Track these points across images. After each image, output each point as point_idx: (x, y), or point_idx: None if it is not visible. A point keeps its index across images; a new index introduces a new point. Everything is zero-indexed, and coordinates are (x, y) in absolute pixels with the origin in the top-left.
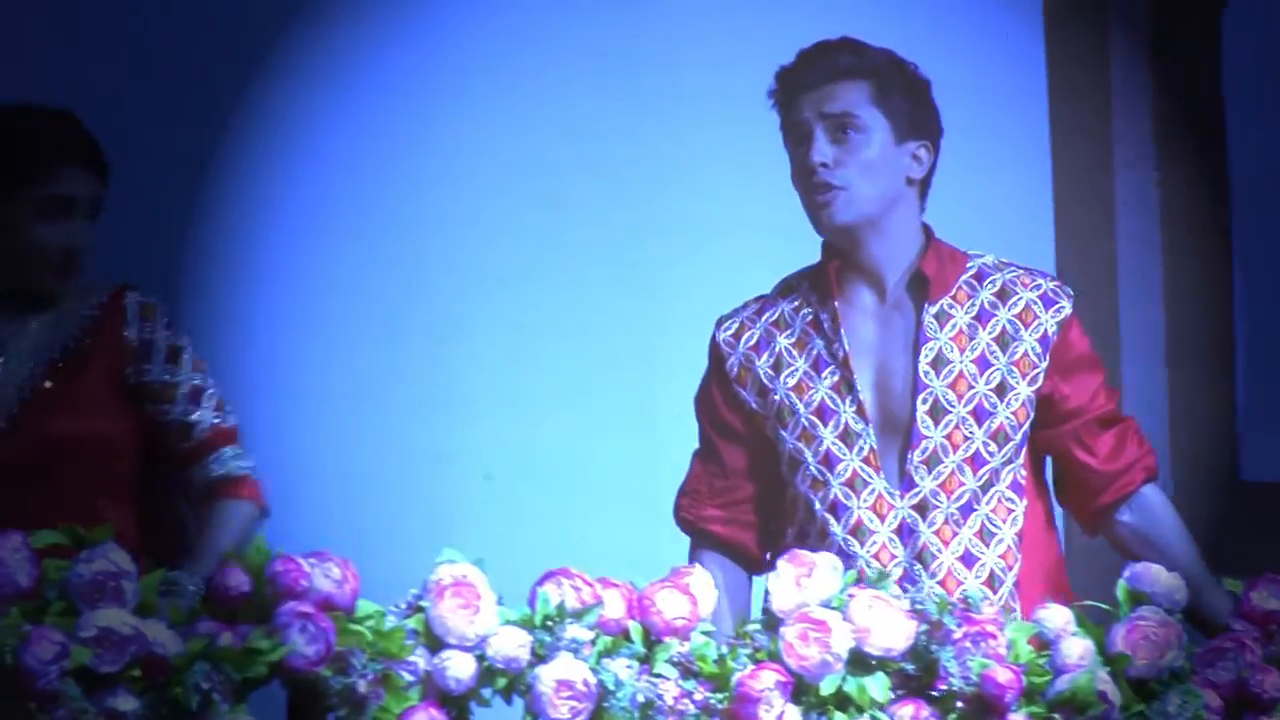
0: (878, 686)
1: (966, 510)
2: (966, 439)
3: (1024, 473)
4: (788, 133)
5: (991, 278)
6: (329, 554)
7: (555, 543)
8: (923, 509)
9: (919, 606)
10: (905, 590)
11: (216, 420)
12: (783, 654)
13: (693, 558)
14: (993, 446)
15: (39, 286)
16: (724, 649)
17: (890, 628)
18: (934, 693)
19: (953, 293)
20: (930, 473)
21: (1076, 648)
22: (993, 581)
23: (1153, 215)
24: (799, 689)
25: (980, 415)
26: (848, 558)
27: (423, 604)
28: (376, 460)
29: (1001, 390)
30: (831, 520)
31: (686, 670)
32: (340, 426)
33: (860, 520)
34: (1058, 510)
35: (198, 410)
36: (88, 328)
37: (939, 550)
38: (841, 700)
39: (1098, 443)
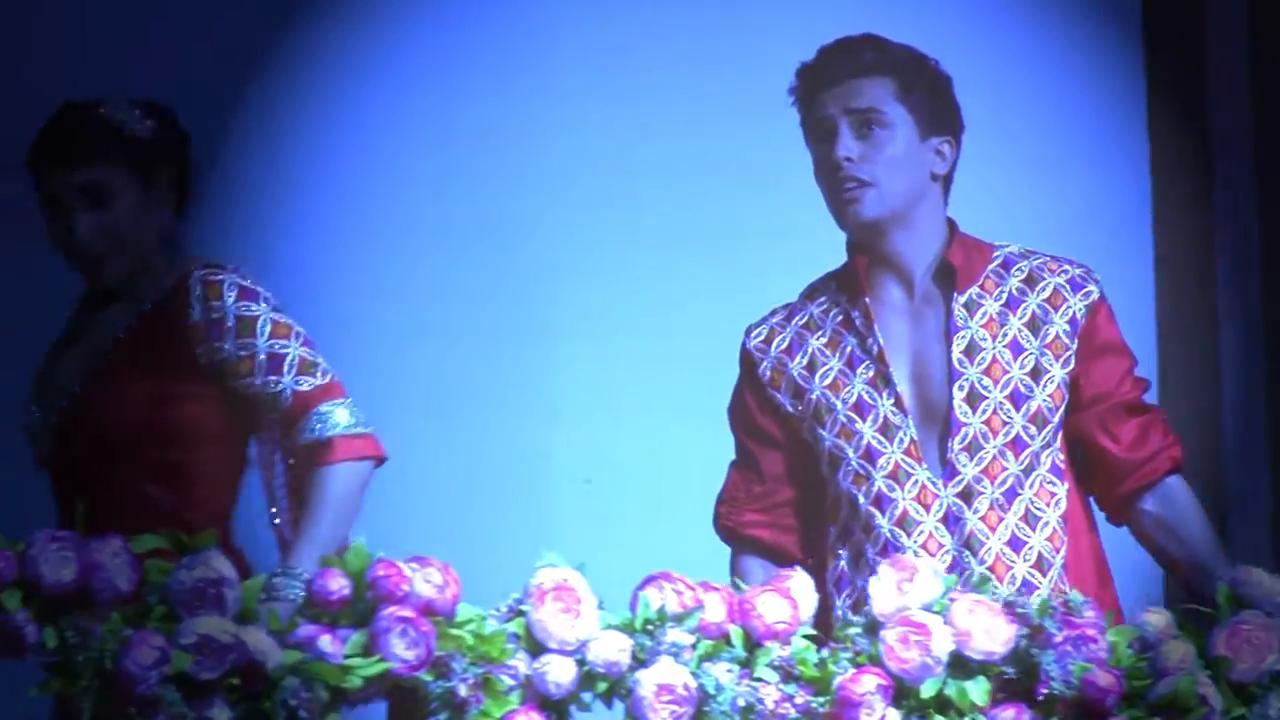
0: (978, 690)
1: (1010, 495)
2: (1005, 423)
3: (1062, 456)
4: (810, 130)
5: (1018, 265)
6: (430, 559)
7: (655, 546)
8: (967, 496)
9: (1020, 610)
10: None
11: (300, 385)
12: (883, 657)
13: (734, 565)
14: (1032, 429)
15: (88, 282)
16: (825, 653)
17: (991, 631)
18: (1035, 697)
19: (980, 282)
20: (972, 459)
21: (1177, 651)
22: (1041, 564)
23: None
24: (899, 692)
25: (1018, 399)
26: (895, 549)
27: (524, 608)
28: (477, 464)
29: (1037, 373)
30: (877, 514)
31: (787, 674)
32: (441, 431)
33: (906, 511)
34: None
35: (279, 378)
36: (146, 315)
37: (986, 536)
38: (942, 704)
39: (1122, 429)
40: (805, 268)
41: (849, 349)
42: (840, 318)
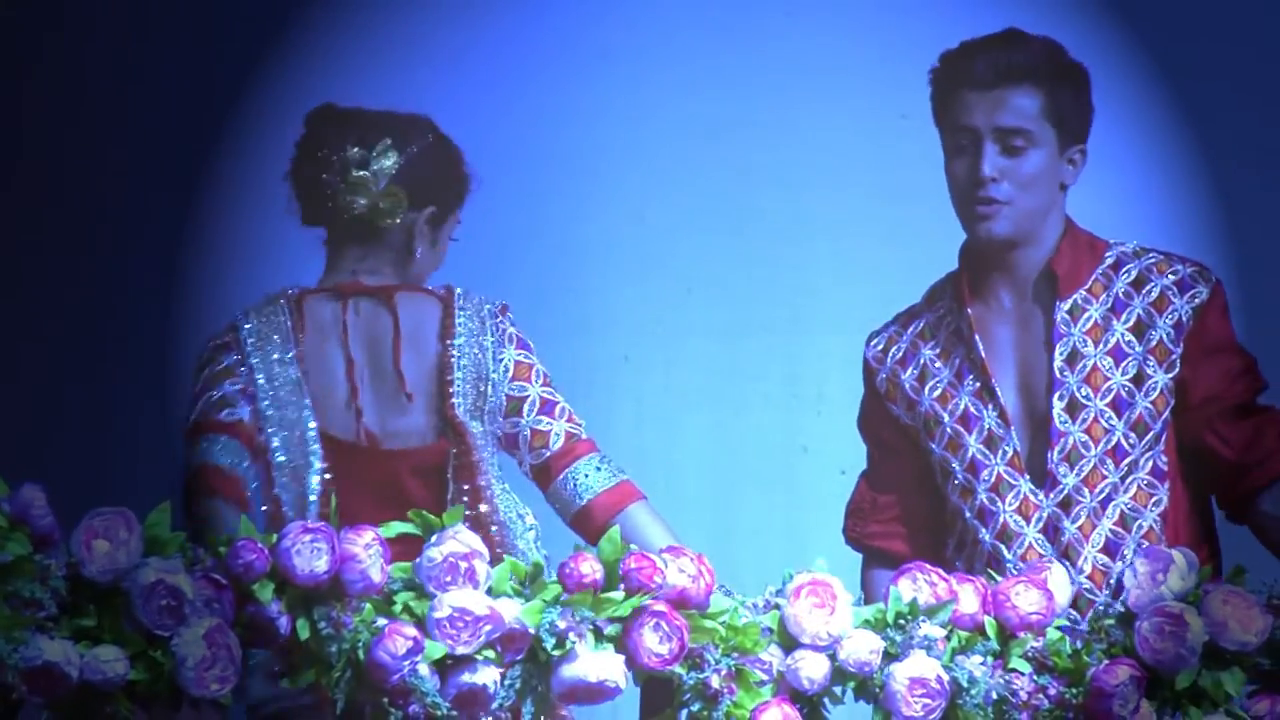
0: (1232, 681)
1: (1106, 501)
2: (1107, 431)
3: (1165, 457)
4: (948, 130)
5: (1128, 266)
6: (684, 549)
7: None
8: (1066, 505)
9: (1275, 601)
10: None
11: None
12: (1137, 648)
13: (863, 575)
14: (1133, 437)
15: None
16: (1079, 644)
17: (1245, 622)
18: None
19: (1088, 285)
20: (1073, 469)
21: None
22: None
23: None
24: (1153, 683)
25: (1120, 406)
26: (998, 563)
27: (779, 601)
28: (735, 457)
29: (1139, 379)
30: (980, 527)
31: (1040, 665)
32: (699, 423)
33: (1006, 524)
34: None
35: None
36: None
37: (1081, 545)
38: (1196, 694)
39: (1233, 431)
40: None
41: (958, 360)
42: (952, 326)
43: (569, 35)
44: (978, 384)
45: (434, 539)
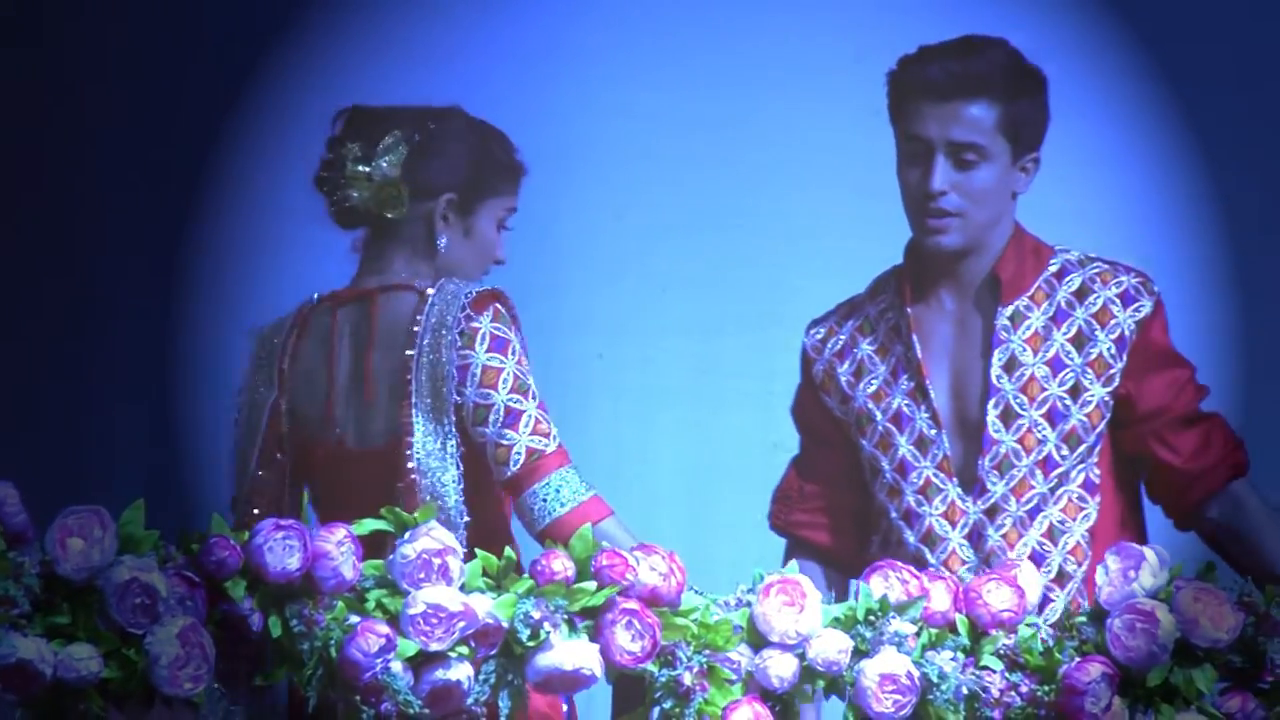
0: (1204, 678)
1: (1034, 512)
2: (1040, 442)
3: (1098, 471)
4: (902, 138)
5: (1071, 275)
6: (655, 547)
7: None
8: (992, 513)
9: (1247, 598)
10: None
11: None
12: (1109, 645)
13: (785, 563)
14: (1065, 449)
15: None
16: (1050, 640)
17: (1217, 619)
18: (1261, 685)
19: (1031, 292)
20: (1002, 477)
21: None
22: (1061, 579)
23: None
24: (1125, 681)
25: (1054, 417)
26: (921, 566)
27: (750, 599)
28: (705, 454)
29: (1075, 391)
30: (905, 528)
31: (1012, 662)
32: (668, 421)
33: (932, 527)
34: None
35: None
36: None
37: (1004, 552)
38: (1168, 692)
39: (1180, 440)
40: None
41: (895, 358)
42: (892, 322)
43: (547, 35)
44: (912, 384)
45: (407, 535)
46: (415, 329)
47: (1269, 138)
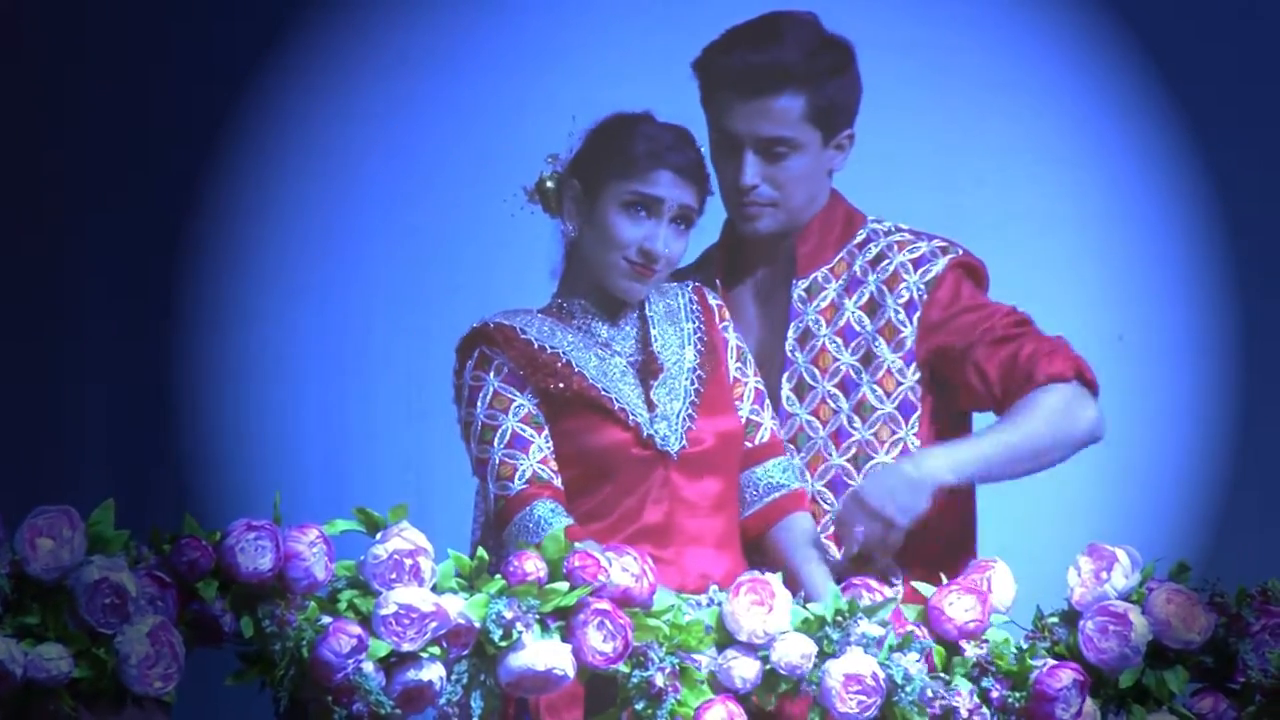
0: (1176, 679)
1: (834, 486)
2: (835, 413)
3: (917, 444)
4: (714, 134)
5: (870, 244)
6: (626, 548)
7: None
8: None
9: (1218, 599)
10: None
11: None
12: (1081, 647)
13: None
14: (857, 421)
15: (612, 283)
16: (1024, 644)
17: (1189, 620)
18: (1232, 685)
19: (832, 264)
20: (799, 451)
21: None
22: (870, 557)
23: None
24: (1097, 682)
25: (848, 388)
26: None
27: (720, 598)
28: None
29: (868, 360)
30: None
31: (984, 669)
32: None
33: None
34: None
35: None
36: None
37: None
38: (1140, 693)
39: (991, 361)
40: None
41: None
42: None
43: (522, 35)
44: None
45: (379, 536)
46: None
47: (1269, 137)
